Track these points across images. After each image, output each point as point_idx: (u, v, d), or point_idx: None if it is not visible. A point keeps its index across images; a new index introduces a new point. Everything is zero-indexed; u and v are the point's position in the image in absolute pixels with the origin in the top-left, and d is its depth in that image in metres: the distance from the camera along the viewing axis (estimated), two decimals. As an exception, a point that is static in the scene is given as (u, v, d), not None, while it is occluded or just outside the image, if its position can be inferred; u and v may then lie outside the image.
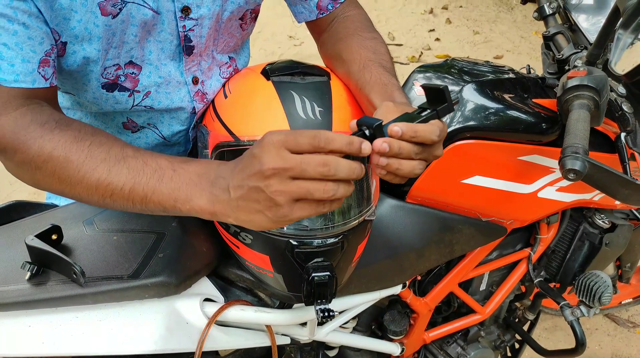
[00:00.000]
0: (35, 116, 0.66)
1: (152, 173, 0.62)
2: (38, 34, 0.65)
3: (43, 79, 0.67)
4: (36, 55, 0.66)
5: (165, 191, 0.61)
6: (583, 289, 1.14)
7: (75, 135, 0.65)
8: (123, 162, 0.63)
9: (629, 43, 0.86)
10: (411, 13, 3.60)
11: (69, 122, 0.67)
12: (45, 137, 0.64)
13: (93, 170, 0.63)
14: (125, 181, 0.62)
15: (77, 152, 0.63)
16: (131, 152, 0.64)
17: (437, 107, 0.63)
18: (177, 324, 0.76)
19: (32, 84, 0.66)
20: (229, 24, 0.83)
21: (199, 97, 0.85)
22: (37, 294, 0.70)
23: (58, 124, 0.66)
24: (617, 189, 0.84)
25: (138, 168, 0.63)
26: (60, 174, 0.64)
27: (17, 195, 2.22)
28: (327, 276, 0.73)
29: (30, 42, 0.65)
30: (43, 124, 0.65)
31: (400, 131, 0.58)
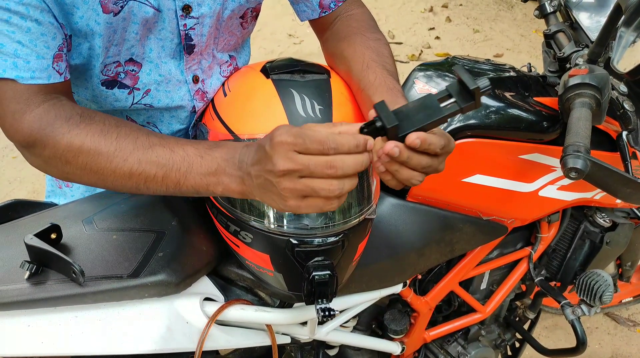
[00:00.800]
0: (59, 111, 0.67)
1: (181, 161, 0.66)
2: (50, 29, 0.66)
3: (58, 74, 0.68)
4: (50, 50, 0.66)
5: (197, 177, 0.65)
6: (584, 288, 1.14)
7: (101, 128, 0.67)
8: (151, 151, 0.66)
9: (631, 41, 0.85)
10: (411, 11, 3.60)
11: (92, 114, 0.68)
12: (72, 132, 0.66)
13: (124, 161, 0.65)
14: (157, 170, 0.66)
15: (106, 145, 0.66)
16: (157, 140, 0.67)
17: (463, 105, 0.59)
18: (177, 323, 0.75)
19: (48, 79, 0.67)
20: (230, 23, 0.83)
21: (199, 96, 0.84)
22: (36, 293, 0.70)
23: (82, 118, 0.67)
24: (619, 187, 0.84)
25: (167, 156, 0.66)
26: (92, 167, 0.66)
27: (16, 194, 2.21)
28: (327, 275, 0.73)
29: (44, 38, 0.65)
30: (68, 119, 0.67)
31: (419, 143, 0.59)
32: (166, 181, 0.66)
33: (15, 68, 0.64)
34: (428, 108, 0.60)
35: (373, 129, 0.60)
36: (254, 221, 0.74)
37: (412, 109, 0.61)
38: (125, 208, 0.82)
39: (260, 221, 0.74)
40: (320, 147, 0.56)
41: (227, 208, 0.76)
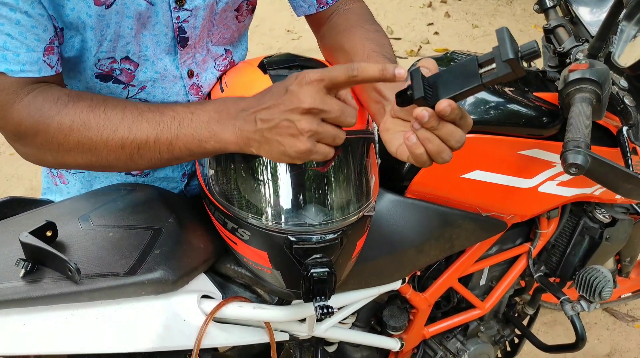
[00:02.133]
0: (47, 95, 0.67)
1: (171, 120, 0.65)
2: (41, 21, 0.65)
3: (49, 67, 0.67)
4: (40, 43, 0.66)
5: (188, 133, 0.64)
6: (583, 284, 1.14)
7: (89, 104, 0.67)
8: (140, 117, 0.66)
9: (632, 35, 0.85)
10: (410, 7, 3.58)
11: (79, 93, 0.68)
12: (61, 112, 0.66)
13: (114, 131, 0.65)
14: (148, 134, 0.65)
15: (95, 118, 0.65)
16: (145, 107, 0.67)
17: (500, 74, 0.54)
18: (174, 321, 0.75)
19: (39, 73, 0.66)
20: (224, 15, 0.82)
21: (194, 90, 0.84)
22: (31, 291, 0.69)
23: (70, 97, 0.67)
24: (619, 183, 0.83)
25: (156, 119, 0.66)
26: (84, 143, 0.66)
27: (14, 191, 2.20)
28: (326, 272, 0.73)
29: (34, 30, 0.65)
30: (56, 100, 0.66)
31: (449, 110, 0.56)
32: (158, 145, 0.66)
33: (4, 61, 0.64)
34: (467, 75, 0.57)
35: (406, 97, 0.58)
36: (251, 218, 0.74)
37: (452, 74, 0.58)
38: (121, 205, 0.81)
39: (258, 218, 0.73)
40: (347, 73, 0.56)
41: (225, 206, 0.76)
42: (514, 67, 0.55)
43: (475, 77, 0.56)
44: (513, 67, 0.55)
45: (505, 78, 0.56)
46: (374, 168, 0.81)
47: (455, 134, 0.59)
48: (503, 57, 0.54)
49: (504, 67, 0.55)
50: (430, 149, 0.60)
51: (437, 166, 0.92)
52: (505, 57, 0.54)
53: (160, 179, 0.94)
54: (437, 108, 0.57)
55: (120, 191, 0.84)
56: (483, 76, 0.56)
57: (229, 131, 0.63)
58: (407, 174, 0.95)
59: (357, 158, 0.77)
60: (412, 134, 0.61)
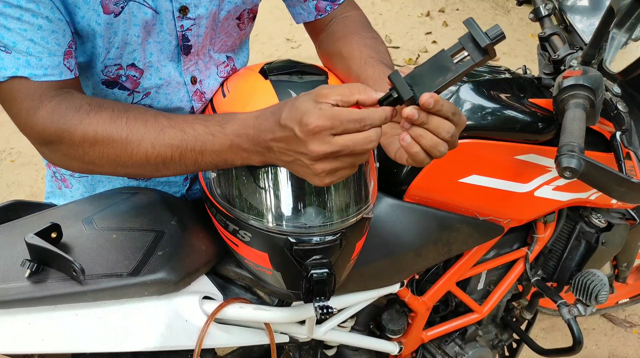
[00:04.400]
0: (69, 103, 0.68)
1: (193, 141, 0.66)
2: (60, 26, 0.67)
3: (68, 70, 0.69)
4: (61, 47, 0.67)
5: (213, 154, 0.67)
6: (580, 288, 1.15)
7: (110, 114, 0.67)
8: (163, 134, 0.67)
9: (623, 42, 0.87)
10: (408, 16, 3.62)
11: (100, 102, 0.69)
12: (84, 122, 0.67)
13: (138, 146, 0.67)
14: (172, 152, 0.67)
15: (117, 131, 0.66)
16: (166, 122, 0.67)
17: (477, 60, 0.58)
18: (176, 321, 0.76)
19: (60, 76, 0.68)
20: (226, 23, 0.84)
21: (197, 96, 0.85)
22: (36, 291, 0.70)
23: (91, 106, 0.68)
24: (613, 187, 0.85)
25: (178, 137, 0.66)
26: (110, 155, 0.68)
27: (14, 197, 2.21)
28: (325, 273, 0.74)
29: (55, 35, 0.66)
30: (78, 108, 0.67)
31: (432, 102, 0.58)
32: (184, 161, 0.67)
33: (28, 66, 0.65)
34: (442, 68, 0.59)
35: (391, 100, 0.60)
36: (252, 220, 0.75)
37: (426, 70, 0.60)
38: (124, 207, 0.83)
39: (259, 220, 0.75)
40: (358, 125, 0.57)
41: (226, 208, 0.77)
42: (490, 52, 0.58)
43: (452, 68, 0.59)
44: (489, 52, 0.58)
45: (481, 63, 0.59)
46: (373, 171, 0.83)
47: (444, 125, 0.61)
48: (482, 44, 0.57)
49: (479, 54, 0.58)
50: (424, 144, 0.62)
51: (434, 170, 0.94)
52: (483, 44, 0.57)
53: (162, 183, 0.96)
54: (421, 101, 0.59)
55: (123, 195, 0.85)
56: (458, 66, 0.59)
57: (254, 154, 0.65)
58: (405, 178, 0.97)
59: (356, 161, 0.78)
60: (405, 135, 0.62)
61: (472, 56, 0.58)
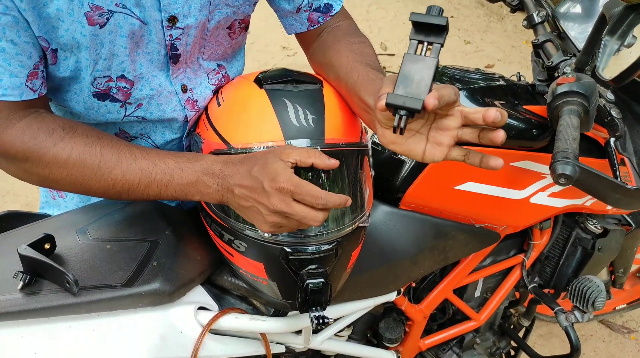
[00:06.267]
0: (41, 124, 0.70)
1: (162, 173, 0.71)
2: (26, 48, 0.67)
3: (31, 91, 0.70)
4: (24, 69, 0.68)
5: (177, 187, 0.72)
6: (577, 294, 1.15)
7: (85, 141, 0.71)
8: (135, 164, 0.71)
9: (615, 49, 0.87)
10: (403, 23, 3.64)
11: (74, 127, 0.72)
12: (58, 145, 0.69)
13: (109, 173, 0.71)
14: (140, 181, 0.71)
15: (91, 157, 0.70)
16: (139, 153, 0.72)
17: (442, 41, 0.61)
18: (171, 333, 0.75)
19: (20, 96, 0.69)
20: (216, 33, 0.84)
21: (190, 105, 0.85)
22: (29, 304, 0.69)
23: (65, 130, 0.71)
24: (608, 193, 0.85)
25: (149, 169, 0.71)
26: (77, 178, 0.71)
27: (9, 207, 2.20)
28: (321, 283, 0.74)
29: (19, 57, 0.67)
30: (51, 132, 0.70)
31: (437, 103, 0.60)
32: (147, 191, 0.72)
33: None
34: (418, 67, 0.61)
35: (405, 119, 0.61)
36: (248, 230, 0.75)
37: (407, 76, 0.62)
38: (119, 218, 0.82)
39: (254, 229, 0.74)
40: (313, 201, 0.65)
41: (221, 217, 0.77)
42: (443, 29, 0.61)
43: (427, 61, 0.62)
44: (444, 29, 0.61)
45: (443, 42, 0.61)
46: (368, 179, 0.82)
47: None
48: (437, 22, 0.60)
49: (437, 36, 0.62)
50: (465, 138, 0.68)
51: (430, 177, 0.94)
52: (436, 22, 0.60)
53: (157, 192, 0.95)
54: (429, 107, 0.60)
55: (118, 204, 0.85)
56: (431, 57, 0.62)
57: (213, 192, 0.71)
58: (401, 186, 0.97)
59: (351, 169, 0.78)
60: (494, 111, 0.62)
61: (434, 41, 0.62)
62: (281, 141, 0.72)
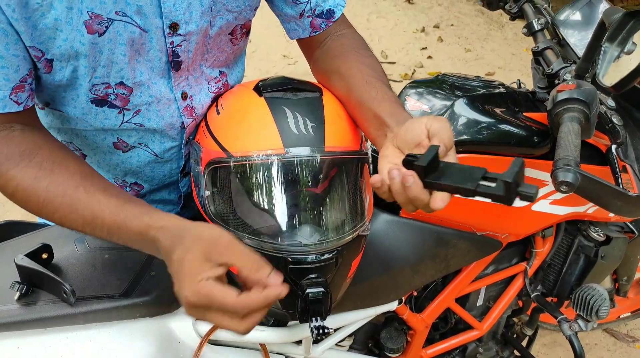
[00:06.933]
0: (3, 148, 0.69)
1: (101, 227, 0.67)
2: (14, 62, 0.67)
3: (15, 104, 0.69)
4: (9, 83, 0.68)
5: (119, 241, 0.68)
6: (580, 303, 1.14)
7: (35, 174, 0.68)
8: (75, 213, 0.67)
9: (615, 56, 0.87)
10: (403, 32, 3.66)
11: (33, 154, 0.70)
12: (10, 172, 0.68)
13: (53, 213, 0.68)
14: (84, 227, 0.68)
15: (35, 194, 0.68)
16: (83, 197, 0.67)
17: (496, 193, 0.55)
18: (169, 343, 0.74)
19: (3, 109, 0.68)
20: (218, 39, 0.84)
21: (188, 112, 0.85)
22: (26, 314, 0.69)
23: (22, 158, 0.69)
24: (610, 201, 0.84)
25: (89, 218, 0.67)
26: (28, 207, 0.69)
27: (9, 216, 2.20)
28: (321, 292, 0.73)
29: (4, 71, 0.67)
30: (9, 157, 0.69)
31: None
32: (94, 234, 0.69)
33: None
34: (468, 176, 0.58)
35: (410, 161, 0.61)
36: (247, 238, 0.74)
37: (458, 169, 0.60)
38: (117, 227, 0.82)
39: (254, 238, 0.74)
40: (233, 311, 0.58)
41: (221, 226, 0.76)
42: (506, 192, 0.55)
43: (473, 182, 0.58)
44: (505, 191, 0.55)
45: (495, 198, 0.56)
46: (368, 187, 0.82)
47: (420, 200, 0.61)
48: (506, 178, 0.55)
49: (498, 188, 0.56)
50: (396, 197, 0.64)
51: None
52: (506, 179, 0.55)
53: (157, 201, 0.95)
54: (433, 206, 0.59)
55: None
56: (479, 185, 0.57)
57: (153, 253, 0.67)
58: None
59: (352, 178, 0.78)
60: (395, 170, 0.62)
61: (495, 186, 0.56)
62: (280, 149, 0.72)
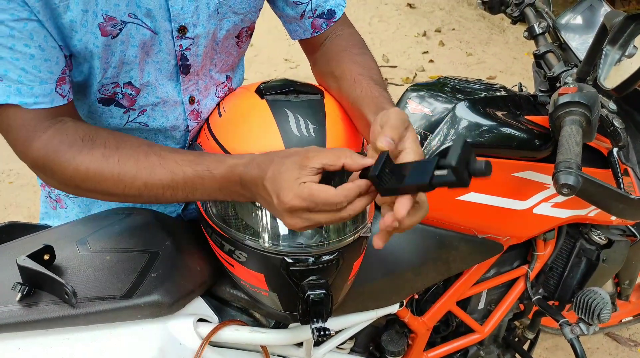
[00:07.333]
0: (63, 137, 0.69)
1: (183, 183, 0.68)
2: (53, 54, 0.67)
3: (61, 96, 0.70)
4: (53, 75, 0.68)
5: (204, 194, 0.69)
6: (582, 306, 1.13)
7: (102, 152, 0.69)
8: (154, 175, 0.68)
9: (616, 59, 0.87)
10: (405, 36, 3.67)
11: (93, 137, 0.70)
12: (77, 159, 0.68)
13: (131, 184, 0.69)
14: (164, 191, 0.69)
15: (109, 170, 0.68)
16: (157, 161, 0.69)
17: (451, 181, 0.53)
18: (170, 345, 0.74)
19: (52, 103, 0.69)
20: (226, 43, 0.84)
21: (194, 116, 0.85)
22: (27, 315, 0.69)
23: (84, 142, 0.70)
24: (612, 203, 0.84)
25: (169, 178, 0.68)
26: (102, 190, 0.70)
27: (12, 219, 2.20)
28: (322, 294, 0.73)
29: (47, 64, 0.67)
30: (72, 145, 0.69)
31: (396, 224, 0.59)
32: (175, 197, 0.70)
33: (19, 94, 0.66)
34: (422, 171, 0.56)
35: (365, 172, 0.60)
36: (248, 240, 0.74)
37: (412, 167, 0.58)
38: (119, 229, 0.82)
39: (255, 240, 0.74)
40: (334, 208, 0.59)
41: (222, 228, 0.76)
42: (458, 176, 0.53)
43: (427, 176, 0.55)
44: (456, 176, 0.53)
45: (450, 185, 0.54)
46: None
47: None
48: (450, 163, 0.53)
49: (449, 174, 0.54)
50: None
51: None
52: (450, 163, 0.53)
53: (158, 203, 0.95)
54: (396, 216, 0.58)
55: (118, 215, 0.85)
56: (433, 177, 0.55)
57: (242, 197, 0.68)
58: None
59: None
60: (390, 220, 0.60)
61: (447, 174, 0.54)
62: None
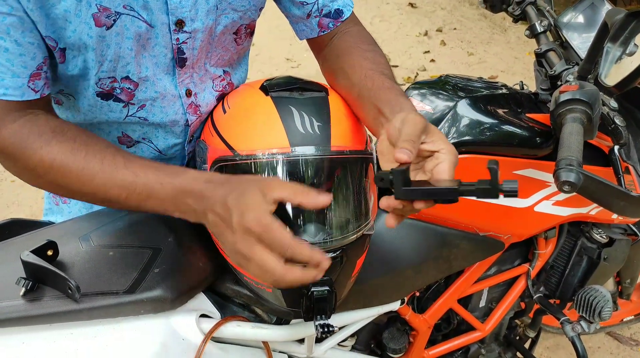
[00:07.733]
0: (33, 128, 0.70)
1: (142, 186, 0.68)
2: (30, 49, 0.68)
3: (33, 91, 0.70)
4: (27, 70, 0.69)
5: (156, 202, 0.68)
6: (583, 304, 1.14)
7: (72, 146, 0.69)
8: (116, 174, 0.69)
9: (617, 56, 0.88)
10: (406, 35, 3.67)
11: (64, 130, 0.71)
12: (44, 149, 0.69)
13: (90, 181, 0.69)
14: (120, 192, 0.69)
15: (74, 163, 0.69)
16: (122, 162, 0.69)
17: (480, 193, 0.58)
18: (172, 340, 0.74)
19: (21, 97, 0.69)
20: (223, 38, 0.85)
21: (192, 109, 0.85)
22: (31, 310, 0.69)
23: (54, 134, 0.70)
24: (613, 201, 0.84)
25: (129, 180, 0.68)
26: (61, 183, 0.70)
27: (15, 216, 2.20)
28: (326, 291, 0.73)
29: (22, 58, 0.67)
30: (41, 135, 0.69)
31: None
32: (128, 202, 0.70)
33: None
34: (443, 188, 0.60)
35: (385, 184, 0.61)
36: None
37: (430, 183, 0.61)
38: (122, 225, 0.82)
39: (258, 236, 0.74)
40: (280, 250, 0.59)
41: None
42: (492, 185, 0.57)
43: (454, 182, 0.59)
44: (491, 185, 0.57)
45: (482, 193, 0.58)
46: (373, 187, 0.82)
47: None
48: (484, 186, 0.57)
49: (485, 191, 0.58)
50: None
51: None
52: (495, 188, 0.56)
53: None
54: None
55: (121, 212, 0.85)
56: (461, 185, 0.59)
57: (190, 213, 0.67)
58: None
59: (356, 178, 0.78)
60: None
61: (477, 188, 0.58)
62: (287, 147, 0.72)
